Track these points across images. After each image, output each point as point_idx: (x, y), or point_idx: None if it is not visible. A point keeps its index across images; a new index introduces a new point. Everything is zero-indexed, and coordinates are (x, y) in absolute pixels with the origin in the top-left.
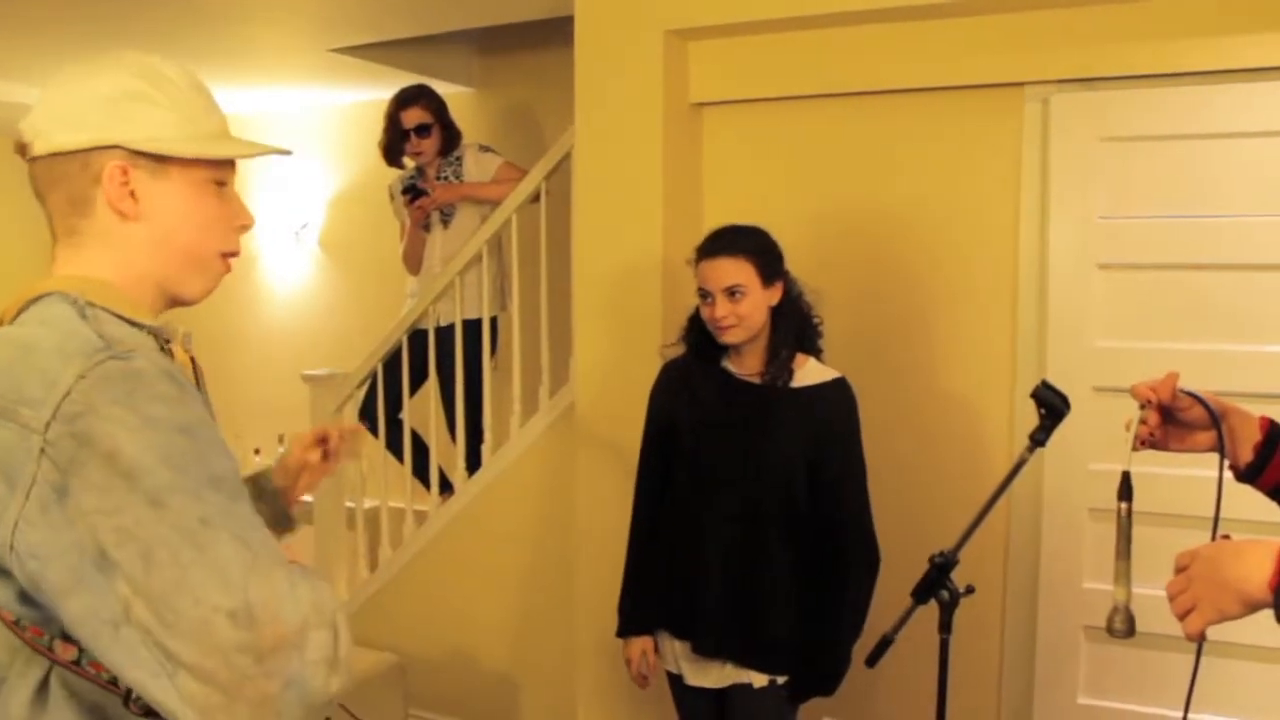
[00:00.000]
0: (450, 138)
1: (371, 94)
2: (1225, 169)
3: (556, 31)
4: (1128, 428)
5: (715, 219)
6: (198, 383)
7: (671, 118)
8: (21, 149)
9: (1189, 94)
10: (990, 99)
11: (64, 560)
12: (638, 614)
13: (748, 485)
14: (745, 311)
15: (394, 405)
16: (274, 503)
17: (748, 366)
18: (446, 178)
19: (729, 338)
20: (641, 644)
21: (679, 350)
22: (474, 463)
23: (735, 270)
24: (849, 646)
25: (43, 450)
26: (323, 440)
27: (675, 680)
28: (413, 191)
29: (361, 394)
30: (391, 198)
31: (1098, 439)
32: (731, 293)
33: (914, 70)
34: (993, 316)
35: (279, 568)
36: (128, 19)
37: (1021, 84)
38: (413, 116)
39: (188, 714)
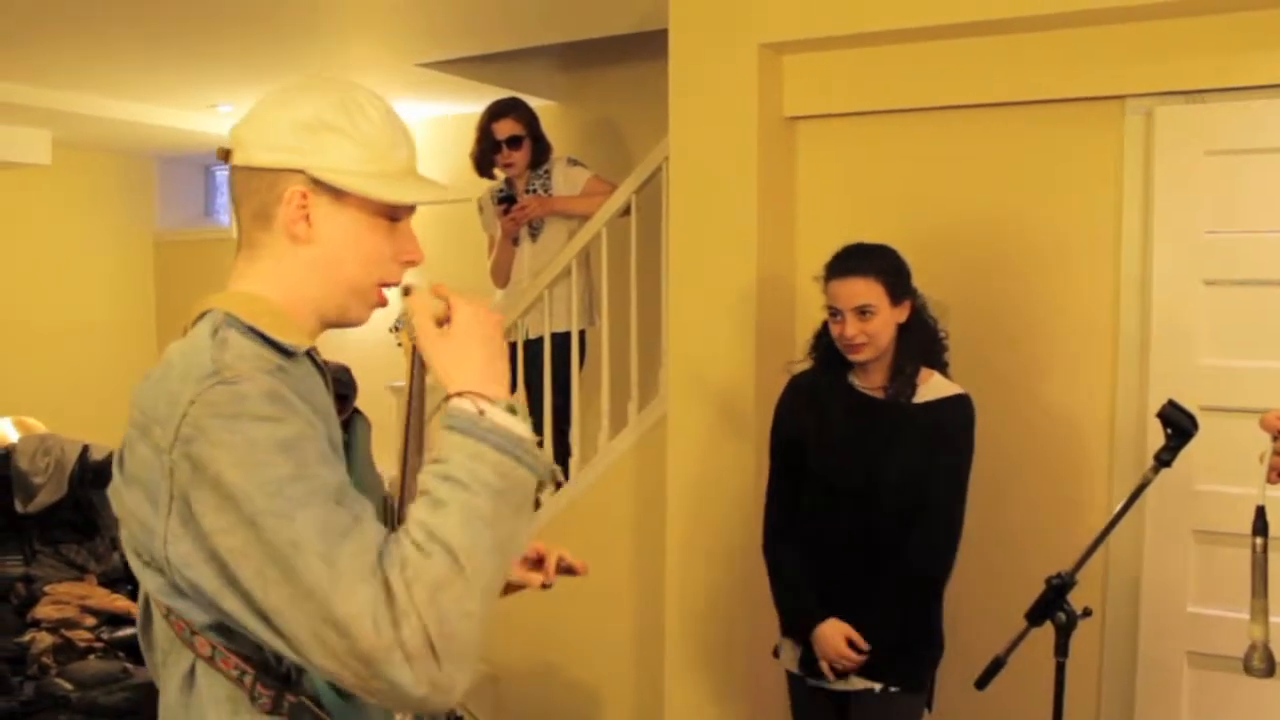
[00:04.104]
0: (541, 150)
1: (457, 108)
2: None
3: (642, 46)
4: (1261, 460)
5: (809, 233)
6: (412, 369)
7: (766, 132)
8: (224, 155)
9: None
10: (1091, 112)
11: (209, 569)
12: (807, 608)
13: (869, 499)
14: (875, 330)
15: None
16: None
17: (873, 381)
18: (535, 190)
19: (858, 356)
20: (830, 627)
21: (805, 366)
22: (559, 477)
23: (865, 290)
24: (914, 633)
25: (171, 470)
26: (539, 561)
27: (797, 682)
28: (508, 201)
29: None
30: (480, 210)
31: (1203, 459)
32: (861, 312)
33: (1013, 83)
34: (1093, 332)
35: (363, 583)
36: (217, 34)
37: (1123, 97)
38: (505, 128)
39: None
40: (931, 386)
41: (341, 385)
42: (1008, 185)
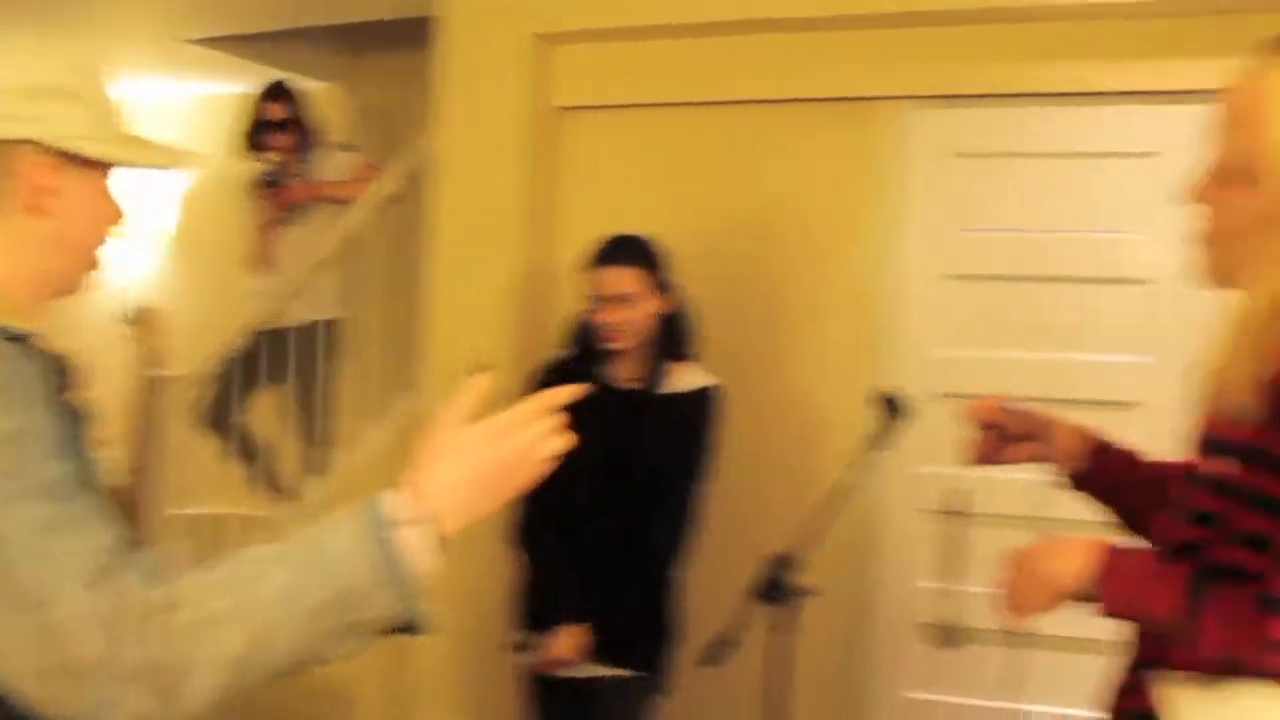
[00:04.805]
0: (309, 135)
1: (228, 87)
2: (1067, 186)
3: (420, 31)
4: (961, 447)
5: (575, 225)
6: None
7: (536, 122)
8: None
9: (1037, 114)
10: (852, 112)
11: None
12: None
13: (618, 488)
14: (634, 319)
15: (235, 407)
16: None
17: (628, 371)
18: (301, 175)
19: (617, 344)
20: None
21: (560, 354)
22: (318, 467)
23: (628, 279)
24: (654, 619)
25: None
26: None
27: (534, 673)
28: (273, 184)
29: (203, 394)
30: (246, 193)
31: (932, 444)
32: (622, 300)
33: (779, 82)
34: (849, 326)
35: (84, 587)
36: None
37: (882, 99)
38: (273, 111)
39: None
40: (684, 377)
41: (63, 374)
42: (770, 181)
